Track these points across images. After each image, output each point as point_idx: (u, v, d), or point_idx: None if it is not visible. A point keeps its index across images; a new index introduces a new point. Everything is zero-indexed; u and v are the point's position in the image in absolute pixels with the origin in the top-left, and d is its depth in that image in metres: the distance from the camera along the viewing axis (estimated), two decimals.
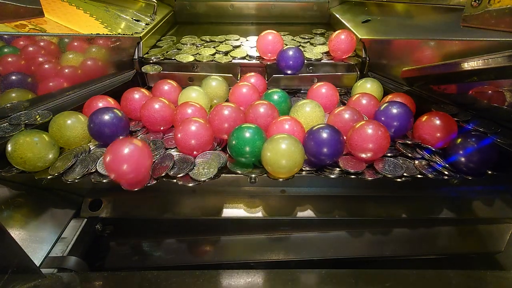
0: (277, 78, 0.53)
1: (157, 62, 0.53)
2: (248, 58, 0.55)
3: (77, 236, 0.35)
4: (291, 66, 0.51)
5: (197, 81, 0.53)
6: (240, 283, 0.25)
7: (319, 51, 0.57)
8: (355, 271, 0.26)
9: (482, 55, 0.30)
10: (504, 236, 0.40)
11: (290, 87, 0.54)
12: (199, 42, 0.61)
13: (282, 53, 0.51)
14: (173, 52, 0.56)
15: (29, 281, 0.25)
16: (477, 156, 0.32)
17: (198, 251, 0.39)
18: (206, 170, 0.33)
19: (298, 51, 0.51)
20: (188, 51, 0.56)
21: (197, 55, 0.55)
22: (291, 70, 0.52)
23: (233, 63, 0.54)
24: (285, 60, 0.51)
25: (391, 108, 0.38)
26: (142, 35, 0.54)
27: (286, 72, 0.52)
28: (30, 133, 0.33)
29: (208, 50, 0.57)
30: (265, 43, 0.53)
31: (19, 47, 0.39)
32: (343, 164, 0.34)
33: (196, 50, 0.57)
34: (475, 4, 0.29)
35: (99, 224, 0.37)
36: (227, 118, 0.37)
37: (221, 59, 0.53)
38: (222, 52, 0.57)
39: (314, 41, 0.62)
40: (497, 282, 0.26)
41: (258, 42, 0.54)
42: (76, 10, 0.54)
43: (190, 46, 0.59)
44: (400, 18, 0.56)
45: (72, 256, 0.32)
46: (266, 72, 0.55)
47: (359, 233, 0.40)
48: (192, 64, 0.53)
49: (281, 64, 0.51)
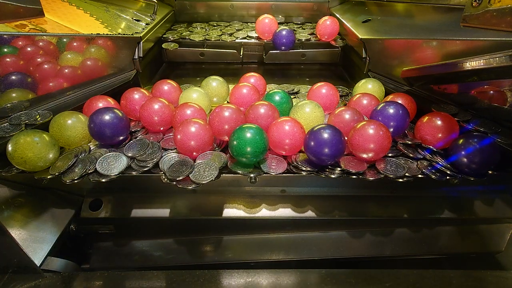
0: (273, 54, 0.65)
1: (174, 40, 0.65)
2: (248, 37, 0.66)
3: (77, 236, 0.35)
4: (284, 43, 0.62)
5: (207, 57, 0.65)
6: (240, 283, 0.25)
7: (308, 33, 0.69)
8: (355, 271, 0.26)
9: (483, 55, 0.30)
10: (505, 236, 0.40)
11: (284, 61, 0.66)
12: (207, 26, 0.74)
13: (277, 33, 0.62)
14: (186, 34, 0.67)
15: (29, 281, 0.25)
16: (480, 157, 0.32)
17: (198, 251, 0.39)
18: (207, 173, 0.33)
19: (290, 31, 0.62)
20: (199, 32, 0.69)
21: (207, 36, 0.66)
22: (284, 47, 0.63)
23: (236, 42, 0.65)
24: (280, 39, 0.62)
25: (388, 108, 0.38)
26: (142, 35, 0.54)
27: (281, 48, 0.64)
28: (30, 133, 0.33)
29: (215, 32, 0.69)
30: (262, 25, 0.64)
31: (19, 47, 0.39)
32: (345, 164, 0.34)
33: (206, 32, 0.69)
34: (475, 4, 0.29)
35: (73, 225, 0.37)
36: (227, 120, 0.37)
37: (226, 39, 0.65)
38: (227, 33, 0.68)
39: (305, 26, 0.75)
40: (497, 282, 0.26)
41: (256, 24, 0.65)
42: (76, 10, 0.54)
43: (200, 29, 0.71)
44: (400, 18, 0.56)
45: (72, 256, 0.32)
46: (264, 49, 0.66)
47: (360, 233, 0.40)
48: (203, 42, 0.65)
49: (276, 42, 0.63)
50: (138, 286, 0.25)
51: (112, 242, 0.40)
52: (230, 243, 0.40)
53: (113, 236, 0.39)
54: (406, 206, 0.38)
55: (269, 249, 0.39)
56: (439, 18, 0.47)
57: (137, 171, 0.34)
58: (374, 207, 0.38)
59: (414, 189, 0.38)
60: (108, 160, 0.34)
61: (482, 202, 0.39)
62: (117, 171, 0.33)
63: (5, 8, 0.31)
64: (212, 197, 0.39)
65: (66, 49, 0.44)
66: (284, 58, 0.66)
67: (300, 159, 0.35)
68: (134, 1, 0.68)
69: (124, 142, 0.38)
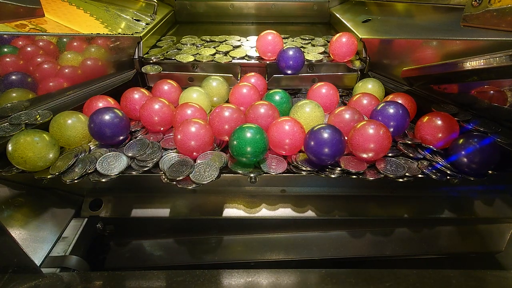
0: (277, 78, 0.53)
1: (157, 62, 0.53)
2: (247, 58, 0.55)
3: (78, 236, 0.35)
4: (291, 66, 0.51)
5: (197, 81, 0.53)
6: (240, 282, 0.25)
7: (319, 51, 0.57)
8: (356, 270, 0.26)
9: (483, 55, 0.30)
10: (505, 236, 0.40)
11: (291, 87, 0.55)
12: (199, 42, 0.61)
13: (282, 53, 0.51)
14: (173, 52, 0.56)
15: (29, 281, 0.25)
16: (480, 157, 0.32)
17: (198, 251, 0.39)
18: (207, 173, 0.33)
19: (298, 51, 0.50)
20: (188, 51, 0.56)
21: (197, 55, 0.55)
22: (291, 70, 0.52)
23: (233, 63, 0.54)
24: (285, 60, 0.50)
25: (388, 108, 0.38)
26: (142, 34, 0.54)
27: (286, 72, 0.52)
28: (30, 133, 0.33)
29: (208, 50, 0.57)
30: (264, 43, 0.53)
31: (19, 47, 0.39)
32: (345, 164, 0.34)
33: (196, 50, 0.57)
34: (476, 4, 0.29)
35: (100, 223, 0.37)
36: (227, 120, 0.37)
37: (221, 59, 0.53)
38: (222, 52, 0.57)
39: (315, 42, 0.62)
40: (497, 282, 0.26)
41: (257, 42, 0.54)
42: (76, 10, 0.54)
43: (190, 46, 0.59)
44: (401, 18, 0.56)
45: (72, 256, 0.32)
46: (266, 72, 0.55)
47: (360, 233, 0.40)
48: (192, 64, 0.53)
49: (281, 64, 0.51)
50: (138, 286, 0.25)
51: (112, 242, 0.40)
52: (230, 243, 0.40)
53: (113, 236, 0.39)
54: (406, 206, 0.38)
55: (269, 249, 0.39)
56: (439, 18, 0.47)
57: (137, 171, 0.34)
58: (374, 207, 0.38)
59: (414, 189, 0.38)
60: (108, 160, 0.34)
61: (482, 202, 0.39)
62: (117, 171, 0.33)
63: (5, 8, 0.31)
64: (212, 197, 0.39)
65: (66, 49, 0.44)
66: (290, 84, 0.54)
67: (300, 159, 0.35)
68: (134, 1, 0.67)
69: (124, 142, 0.38)
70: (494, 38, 0.33)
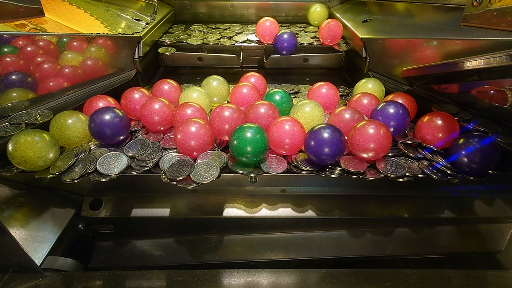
0: (274, 58, 0.62)
1: (171, 44, 0.62)
2: (248, 41, 0.64)
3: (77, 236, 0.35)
4: (286, 47, 0.60)
5: (205, 61, 0.63)
6: (240, 282, 0.25)
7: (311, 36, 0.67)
8: (356, 270, 0.26)
9: (483, 55, 0.30)
10: (505, 236, 0.40)
11: (285, 65, 0.64)
12: (206, 29, 0.70)
13: (278, 36, 0.59)
14: (183, 37, 0.64)
15: (29, 281, 0.25)
16: (480, 156, 0.32)
17: (198, 251, 0.39)
18: (208, 173, 0.33)
19: (291, 34, 0.59)
20: (197, 36, 0.65)
21: (205, 39, 0.63)
22: (285, 51, 0.60)
23: (236, 46, 0.63)
24: (281, 42, 0.59)
25: (388, 107, 0.38)
26: (142, 34, 0.54)
27: (282, 52, 0.61)
28: (30, 133, 0.33)
29: (214, 35, 0.66)
30: (263, 28, 0.62)
31: (19, 47, 0.39)
32: (345, 164, 0.34)
33: (204, 36, 0.65)
34: (476, 4, 0.29)
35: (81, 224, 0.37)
36: (227, 119, 0.37)
37: (226, 42, 0.63)
38: (226, 37, 0.65)
39: (307, 29, 0.71)
40: (497, 281, 0.26)
41: (257, 27, 0.62)
42: (76, 10, 0.54)
43: (198, 32, 0.68)
44: (401, 17, 0.56)
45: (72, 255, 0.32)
46: (265, 53, 0.64)
47: (360, 233, 0.40)
48: (201, 46, 0.62)
49: (277, 46, 0.60)
50: (138, 286, 0.25)
51: (112, 241, 0.40)
52: (230, 243, 0.40)
53: (113, 235, 0.39)
54: (406, 205, 0.38)
55: (269, 249, 0.39)
56: (439, 18, 0.47)
57: (137, 171, 0.34)
58: (374, 206, 0.38)
59: (414, 189, 0.39)
60: (109, 160, 0.34)
61: (482, 202, 0.39)
62: (118, 170, 0.33)
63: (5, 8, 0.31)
64: (212, 197, 0.39)
65: (66, 48, 0.44)
66: (285, 63, 0.64)
67: (300, 158, 0.35)
68: (134, 0, 0.68)
69: (125, 142, 0.38)
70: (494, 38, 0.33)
